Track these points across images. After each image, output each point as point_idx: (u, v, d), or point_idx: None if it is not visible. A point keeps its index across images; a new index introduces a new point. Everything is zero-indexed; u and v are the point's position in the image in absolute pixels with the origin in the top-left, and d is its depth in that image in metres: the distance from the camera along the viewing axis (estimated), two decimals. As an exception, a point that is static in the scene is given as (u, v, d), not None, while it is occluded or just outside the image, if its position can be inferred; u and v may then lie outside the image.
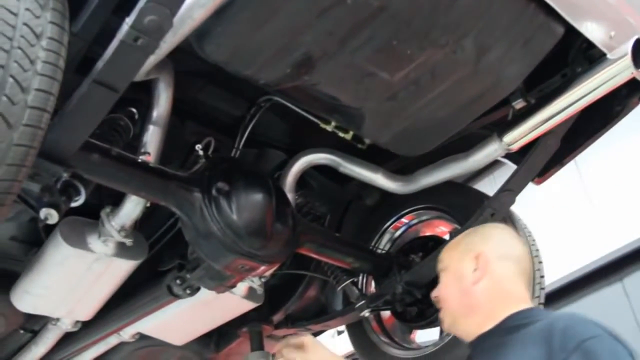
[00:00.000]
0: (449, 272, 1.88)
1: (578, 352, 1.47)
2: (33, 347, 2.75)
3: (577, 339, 1.50)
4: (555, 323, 1.60)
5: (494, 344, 1.71)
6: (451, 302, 1.85)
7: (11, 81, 1.35)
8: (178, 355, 3.10)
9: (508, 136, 2.18)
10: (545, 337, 1.57)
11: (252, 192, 2.13)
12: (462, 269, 1.83)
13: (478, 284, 1.78)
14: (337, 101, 1.97)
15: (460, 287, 1.82)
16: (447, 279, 1.88)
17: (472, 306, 1.79)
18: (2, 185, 1.39)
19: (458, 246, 1.92)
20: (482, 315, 1.77)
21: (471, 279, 1.79)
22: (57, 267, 2.25)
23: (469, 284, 1.79)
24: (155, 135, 2.08)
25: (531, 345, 1.59)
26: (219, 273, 2.16)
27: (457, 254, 1.89)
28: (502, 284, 1.79)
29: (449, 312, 1.86)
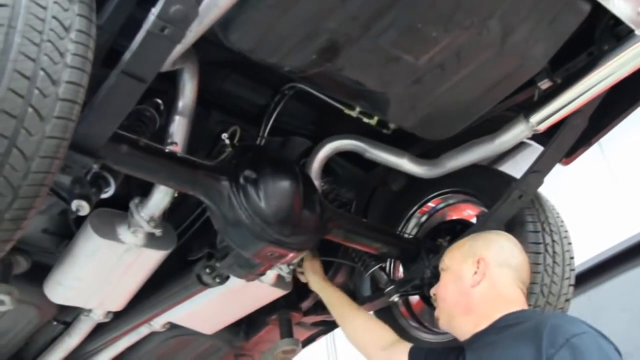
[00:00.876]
0: (449, 272, 2.03)
1: (566, 348, 1.59)
2: (66, 338, 2.79)
3: (565, 336, 1.62)
4: (544, 322, 1.71)
5: (487, 342, 1.83)
6: (449, 301, 1.99)
7: (42, 74, 1.36)
8: (208, 344, 3.13)
9: (535, 117, 2.16)
10: (535, 334, 1.67)
11: (279, 179, 2.13)
12: (463, 271, 1.98)
13: (476, 287, 1.93)
14: (362, 86, 1.97)
15: (459, 288, 1.97)
16: (447, 278, 2.03)
17: (469, 307, 1.93)
18: (36, 177, 1.40)
19: (461, 249, 2.07)
20: (478, 316, 1.90)
21: (470, 281, 1.94)
22: (88, 259, 2.27)
23: (468, 286, 1.94)
24: (181, 126, 2.09)
25: (522, 342, 1.69)
26: (248, 261, 2.17)
27: (459, 256, 2.04)
28: (498, 289, 1.93)
29: (446, 311, 2.00)
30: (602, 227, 6.46)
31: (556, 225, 2.50)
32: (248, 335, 3.11)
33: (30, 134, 1.36)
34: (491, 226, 2.36)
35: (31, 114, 1.35)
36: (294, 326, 2.93)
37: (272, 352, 2.90)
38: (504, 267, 1.97)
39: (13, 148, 1.35)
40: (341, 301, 2.54)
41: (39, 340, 2.99)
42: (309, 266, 2.63)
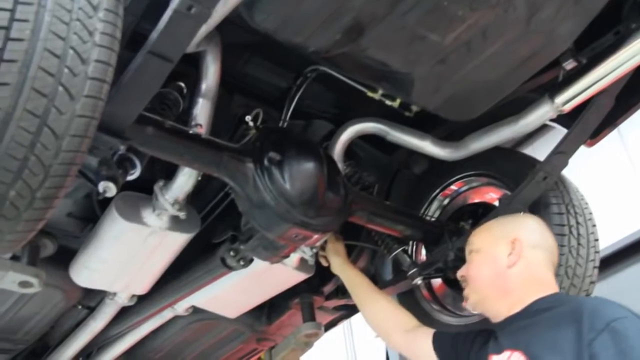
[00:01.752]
0: (482, 254, 2.01)
1: (606, 332, 1.58)
2: (92, 322, 2.82)
3: (605, 320, 1.61)
4: (583, 306, 1.71)
5: (521, 326, 1.82)
6: (482, 283, 1.98)
7: (72, 53, 1.37)
8: (231, 328, 3.14)
9: (560, 97, 2.15)
10: (574, 318, 1.66)
11: (303, 161, 2.13)
12: (498, 252, 1.96)
13: (513, 268, 1.91)
14: (386, 67, 1.96)
15: (495, 270, 1.95)
16: (479, 260, 2.01)
17: (505, 288, 1.91)
18: (67, 156, 1.42)
19: (492, 231, 2.06)
20: (513, 298, 1.89)
21: (506, 262, 1.92)
22: (113, 242, 2.29)
23: (504, 267, 1.92)
24: (205, 108, 2.09)
25: (561, 326, 1.69)
26: (273, 243, 2.18)
27: (491, 237, 2.02)
28: (533, 270, 1.92)
29: (479, 292, 1.99)
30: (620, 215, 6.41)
31: (580, 207, 2.48)
32: (270, 320, 3.12)
33: (61, 112, 1.37)
34: (515, 208, 2.36)
35: (61, 93, 1.36)
36: (316, 310, 2.94)
37: (295, 335, 2.92)
38: (538, 249, 1.96)
39: (44, 127, 1.36)
40: (362, 284, 2.54)
41: (64, 324, 3.03)
42: (332, 248, 2.63)
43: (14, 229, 1.46)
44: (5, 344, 2.94)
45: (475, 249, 2.05)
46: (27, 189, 1.40)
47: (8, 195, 1.38)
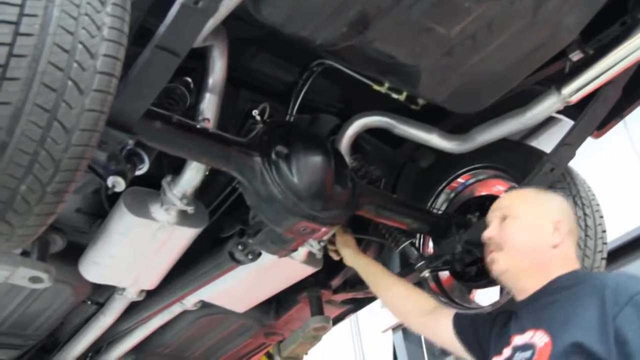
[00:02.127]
0: (523, 223, 1.95)
1: (630, 305, 1.58)
2: (101, 317, 2.84)
3: (629, 294, 1.60)
4: (605, 281, 1.70)
5: (543, 304, 1.80)
6: (519, 252, 1.92)
7: (80, 47, 1.37)
8: (238, 322, 3.16)
9: (567, 88, 2.15)
10: (597, 294, 1.65)
11: (311, 155, 2.14)
12: (541, 228, 1.91)
13: (556, 249, 1.88)
14: (392, 59, 1.96)
15: (537, 244, 1.90)
16: (520, 228, 1.95)
17: (540, 264, 1.88)
18: (77, 150, 1.42)
19: (534, 202, 2.01)
20: (542, 276, 1.86)
21: (551, 241, 1.89)
22: (122, 237, 2.30)
23: (547, 245, 1.89)
24: (212, 103, 2.10)
25: (585, 302, 1.67)
26: (281, 237, 2.19)
27: (535, 210, 1.98)
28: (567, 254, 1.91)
29: (512, 260, 1.93)
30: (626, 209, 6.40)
31: (588, 198, 2.48)
32: (278, 314, 3.14)
33: (70, 107, 1.38)
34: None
35: (71, 87, 1.37)
36: (324, 304, 2.95)
37: (303, 329, 2.94)
38: (573, 234, 1.97)
39: (54, 121, 1.37)
40: (377, 271, 2.54)
41: (73, 320, 3.04)
42: (342, 240, 2.63)
43: (25, 223, 1.47)
44: (16, 340, 2.96)
45: (513, 215, 1.99)
46: (37, 183, 1.41)
47: (19, 190, 1.39)
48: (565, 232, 1.91)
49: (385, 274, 2.53)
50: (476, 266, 2.60)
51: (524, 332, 1.79)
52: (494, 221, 2.04)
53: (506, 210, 2.02)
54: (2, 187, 1.37)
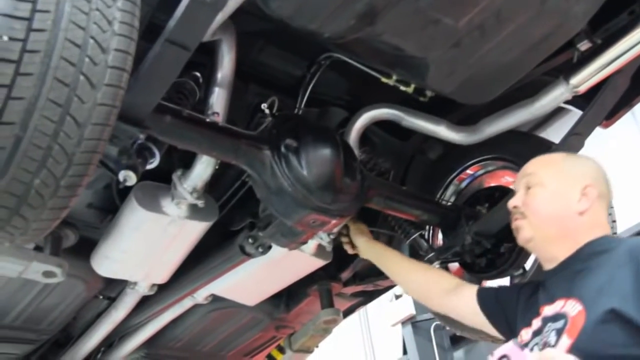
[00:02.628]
0: (549, 190, 1.88)
1: None
2: (113, 312, 2.86)
3: None
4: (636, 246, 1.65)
5: (574, 272, 1.74)
6: (545, 221, 1.86)
7: (92, 42, 1.39)
8: (249, 316, 3.18)
9: (575, 78, 2.15)
10: (630, 258, 1.60)
11: (320, 147, 2.14)
12: (568, 194, 1.84)
13: (583, 215, 1.81)
14: (400, 52, 1.97)
15: (563, 211, 1.83)
16: (545, 196, 1.88)
17: (566, 232, 1.81)
18: (89, 144, 1.44)
19: (560, 168, 1.93)
20: (569, 243, 1.79)
21: (577, 207, 1.82)
22: (134, 232, 2.32)
23: (574, 212, 1.81)
24: (221, 97, 2.11)
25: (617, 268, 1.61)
26: (291, 229, 2.20)
27: (561, 175, 1.90)
28: (596, 219, 1.82)
29: (538, 229, 1.87)
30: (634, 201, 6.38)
31: None
32: (289, 307, 3.15)
33: (83, 101, 1.39)
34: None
35: (83, 82, 1.38)
36: (334, 297, 2.96)
37: (314, 322, 2.95)
38: (603, 199, 1.87)
39: (67, 116, 1.38)
40: (393, 257, 2.51)
41: (85, 315, 3.07)
42: (355, 230, 2.62)
43: (39, 217, 1.49)
44: (30, 335, 2.98)
45: (539, 183, 1.91)
46: (51, 178, 1.43)
47: (33, 184, 1.41)
48: (594, 197, 1.83)
49: (403, 259, 2.49)
50: (486, 257, 2.61)
51: (554, 301, 1.72)
52: (519, 189, 1.97)
53: (531, 177, 1.95)
54: (17, 181, 1.39)
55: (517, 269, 2.60)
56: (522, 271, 2.61)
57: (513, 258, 2.55)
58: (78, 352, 3.15)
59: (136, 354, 3.29)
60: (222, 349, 3.43)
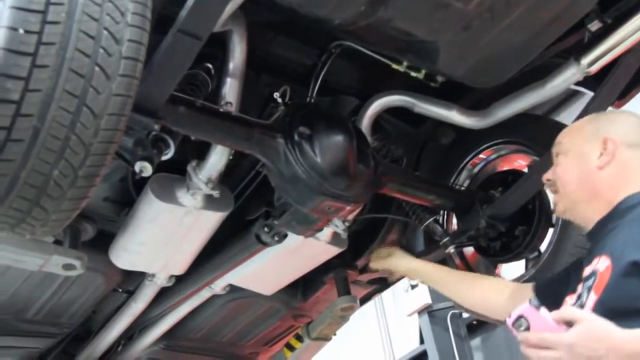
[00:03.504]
0: (570, 155, 1.85)
1: None
2: (132, 304, 2.89)
3: None
4: None
5: (609, 229, 1.69)
6: (571, 186, 1.82)
7: (106, 33, 1.41)
8: (267, 305, 3.19)
9: (586, 59, 2.15)
10: None
11: (333, 134, 2.16)
12: (588, 153, 1.80)
13: (604, 170, 1.76)
14: (410, 36, 1.98)
15: (584, 172, 1.79)
16: (568, 162, 1.85)
17: (594, 191, 1.77)
18: (106, 134, 1.46)
19: (582, 130, 1.88)
20: (602, 201, 1.75)
21: (597, 163, 1.77)
22: (150, 223, 2.34)
23: (594, 169, 1.77)
24: (233, 87, 2.13)
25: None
26: (306, 216, 2.21)
27: (582, 137, 1.85)
28: (627, 171, 1.76)
29: (567, 196, 1.83)
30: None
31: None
32: (305, 296, 3.16)
33: (98, 92, 1.42)
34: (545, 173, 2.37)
35: (98, 73, 1.41)
36: (350, 285, 2.98)
37: (331, 310, 2.96)
38: (635, 148, 1.78)
39: (83, 106, 1.41)
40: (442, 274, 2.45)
41: (105, 309, 3.11)
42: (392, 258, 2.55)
43: (59, 207, 1.52)
44: (51, 328, 3.02)
45: (564, 151, 1.88)
46: (69, 168, 1.45)
47: (52, 175, 1.44)
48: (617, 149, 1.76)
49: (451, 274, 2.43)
50: (500, 241, 2.62)
51: (591, 261, 1.68)
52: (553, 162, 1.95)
53: (558, 147, 1.92)
54: (36, 172, 1.42)
55: (532, 252, 2.61)
56: (537, 254, 2.61)
57: (528, 241, 2.56)
58: (99, 345, 3.19)
59: (156, 346, 3.32)
60: (241, 339, 3.45)
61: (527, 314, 1.43)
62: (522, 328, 1.42)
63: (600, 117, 1.91)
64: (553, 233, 2.52)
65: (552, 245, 2.48)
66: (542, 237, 2.57)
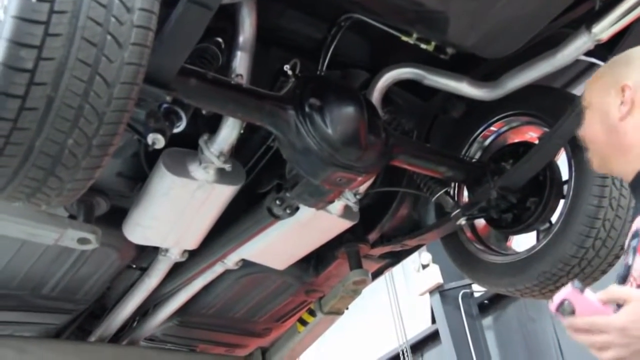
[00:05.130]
0: (592, 109, 1.73)
1: None
2: (146, 279, 2.92)
3: None
4: None
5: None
6: (598, 142, 1.71)
7: (117, 2, 1.42)
8: (279, 281, 3.22)
9: (597, 26, 2.13)
10: None
11: (343, 106, 2.16)
12: (607, 104, 1.67)
13: (626, 119, 1.63)
14: (420, 7, 1.97)
15: (608, 125, 1.66)
16: (590, 117, 1.73)
17: (622, 144, 1.64)
18: (119, 103, 1.47)
19: (601, 79, 1.75)
20: (634, 153, 1.62)
21: (618, 114, 1.64)
22: (163, 197, 2.36)
23: (616, 120, 1.64)
24: (244, 60, 2.14)
25: None
26: (318, 188, 2.23)
27: (599, 88, 1.72)
28: None
29: (597, 153, 1.73)
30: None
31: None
32: (318, 271, 3.18)
33: (111, 60, 1.43)
34: (556, 142, 2.37)
35: (110, 41, 1.41)
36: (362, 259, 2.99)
37: (343, 283, 2.99)
38: None
39: (96, 75, 1.42)
40: None
41: (119, 286, 3.14)
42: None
43: (74, 177, 1.53)
44: (67, 304, 3.07)
45: (587, 105, 1.75)
46: (83, 137, 1.47)
47: (67, 144, 1.45)
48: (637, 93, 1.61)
49: None
50: (512, 213, 2.62)
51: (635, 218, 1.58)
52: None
53: (583, 101, 1.78)
54: (51, 141, 1.43)
55: (544, 223, 2.61)
56: (548, 225, 2.61)
57: (539, 212, 2.57)
58: (114, 321, 3.23)
59: (170, 322, 3.36)
60: (254, 315, 3.49)
61: (571, 297, 1.32)
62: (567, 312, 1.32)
63: (618, 61, 1.76)
64: (564, 204, 2.51)
65: (564, 216, 2.48)
66: (553, 208, 2.57)
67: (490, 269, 2.72)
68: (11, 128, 1.39)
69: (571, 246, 2.42)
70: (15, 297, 2.92)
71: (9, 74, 1.34)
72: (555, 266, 2.46)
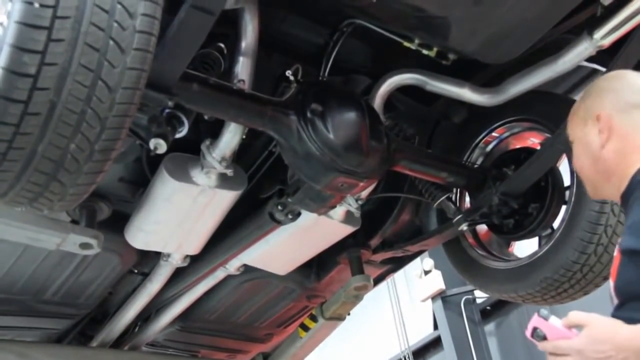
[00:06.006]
0: (577, 142, 1.79)
1: None
2: (148, 284, 2.92)
3: None
4: None
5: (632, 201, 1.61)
6: (587, 172, 1.77)
7: (119, 7, 1.43)
8: (281, 286, 3.21)
9: (598, 32, 2.13)
10: None
11: (345, 111, 2.17)
12: (587, 135, 1.73)
13: (606, 147, 1.68)
14: (422, 12, 1.98)
15: (592, 155, 1.72)
16: (577, 149, 1.79)
17: (607, 170, 1.70)
18: (121, 108, 1.48)
19: (577, 113, 1.82)
20: (618, 177, 1.67)
21: (599, 142, 1.70)
22: (165, 203, 2.37)
23: (598, 149, 1.70)
24: (246, 66, 2.14)
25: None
26: (320, 193, 2.23)
27: (577, 122, 1.79)
28: (630, 138, 1.67)
29: (589, 182, 1.79)
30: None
31: None
32: (319, 277, 3.18)
33: (113, 66, 1.43)
34: (558, 148, 2.37)
35: (112, 47, 1.42)
36: (363, 264, 2.99)
37: (345, 289, 2.99)
38: (631, 111, 1.68)
39: (98, 80, 1.42)
40: None
41: (121, 291, 3.14)
42: None
43: (76, 182, 1.54)
44: (69, 309, 3.07)
45: (572, 139, 1.82)
46: (86, 142, 1.47)
47: (69, 148, 1.46)
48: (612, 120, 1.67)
49: None
50: (513, 218, 2.62)
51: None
52: None
53: (569, 137, 1.85)
54: (53, 146, 1.44)
55: (546, 229, 2.61)
56: (550, 231, 2.61)
57: (541, 218, 2.56)
58: (116, 326, 3.23)
59: (172, 327, 3.36)
60: (256, 320, 3.48)
61: (539, 325, 1.48)
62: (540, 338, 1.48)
63: (588, 93, 1.82)
64: (566, 210, 2.51)
65: (565, 222, 2.48)
66: (555, 214, 2.57)
67: (492, 275, 2.73)
68: (14, 133, 1.39)
69: (573, 252, 2.42)
70: (17, 301, 2.93)
71: (12, 79, 1.35)
72: (557, 272, 2.46)
